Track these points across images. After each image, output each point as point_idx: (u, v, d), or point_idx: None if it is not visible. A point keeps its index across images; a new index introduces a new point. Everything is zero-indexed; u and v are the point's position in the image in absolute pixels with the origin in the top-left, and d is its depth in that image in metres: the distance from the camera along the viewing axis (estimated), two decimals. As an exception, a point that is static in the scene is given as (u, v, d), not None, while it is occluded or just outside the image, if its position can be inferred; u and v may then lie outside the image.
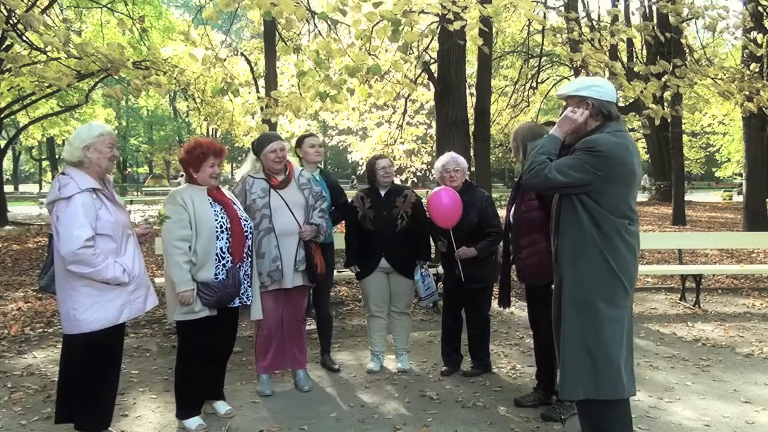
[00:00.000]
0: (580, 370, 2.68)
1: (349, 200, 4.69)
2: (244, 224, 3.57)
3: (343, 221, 4.69)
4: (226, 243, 3.46)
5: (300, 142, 4.64)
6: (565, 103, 2.93)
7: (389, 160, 4.57)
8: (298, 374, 4.19)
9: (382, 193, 4.46)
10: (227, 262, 3.46)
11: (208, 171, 3.49)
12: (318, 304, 4.61)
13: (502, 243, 4.04)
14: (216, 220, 3.44)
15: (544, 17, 11.75)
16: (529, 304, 3.92)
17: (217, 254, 3.43)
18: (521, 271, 3.77)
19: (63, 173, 3.07)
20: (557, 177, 2.65)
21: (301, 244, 3.99)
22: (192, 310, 3.38)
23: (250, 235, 3.63)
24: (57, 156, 38.34)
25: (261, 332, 4.01)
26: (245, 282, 3.57)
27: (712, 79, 7.86)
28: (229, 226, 3.47)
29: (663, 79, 6.84)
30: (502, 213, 4.34)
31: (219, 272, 3.43)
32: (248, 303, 3.62)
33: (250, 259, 3.63)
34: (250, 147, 4.17)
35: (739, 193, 31.25)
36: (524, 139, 3.64)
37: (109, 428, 3.29)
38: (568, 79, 19.82)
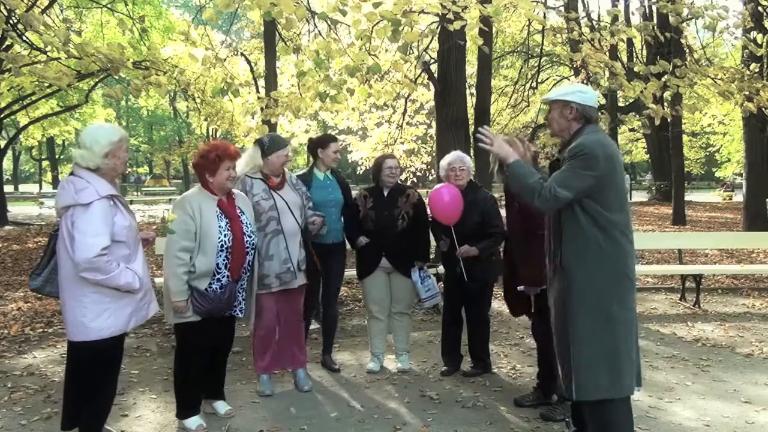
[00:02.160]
0: (596, 371, 2.72)
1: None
2: (247, 241, 3.52)
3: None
4: (224, 260, 3.44)
5: (325, 144, 4.44)
6: (548, 108, 3.01)
7: (397, 161, 4.58)
8: (297, 374, 4.18)
9: (385, 192, 4.46)
10: (222, 277, 3.45)
11: (224, 174, 3.44)
12: (326, 304, 4.59)
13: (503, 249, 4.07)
14: (219, 238, 3.40)
15: (544, 17, 11.75)
16: (537, 306, 3.87)
17: (213, 270, 3.41)
18: (516, 275, 3.82)
19: (74, 175, 2.96)
20: (565, 194, 2.71)
21: (302, 244, 4.00)
22: (183, 315, 3.39)
23: (252, 251, 3.59)
24: (57, 156, 38.37)
25: (259, 332, 4.00)
26: (240, 295, 3.59)
27: (712, 79, 7.86)
28: (230, 245, 3.43)
29: (663, 79, 6.84)
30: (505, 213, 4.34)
31: (213, 283, 3.42)
32: (239, 316, 3.63)
33: (248, 275, 3.63)
34: (258, 145, 4.04)
35: (731, 187, 31.50)
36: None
37: (109, 428, 3.29)
38: (569, 79, 19.80)
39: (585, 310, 2.75)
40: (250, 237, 3.56)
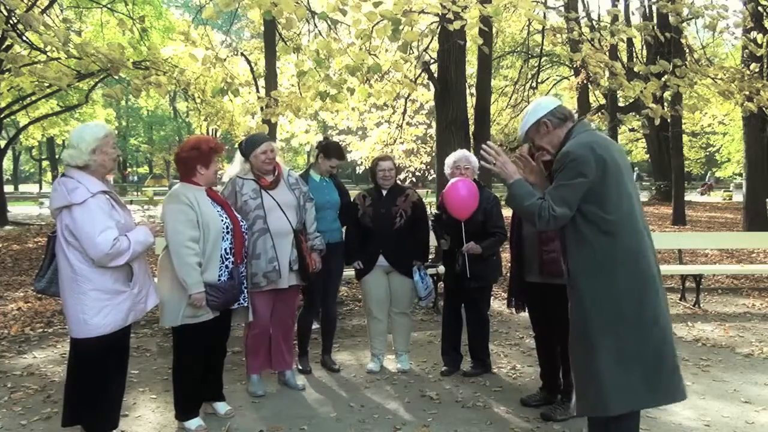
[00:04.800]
0: (585, 390, 2.65)
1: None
2: (242, 225, 3.59)
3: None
4: (229, 244, 3.46)
5: (328, 155, 4.43)
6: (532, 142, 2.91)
7: (391, 163, 4.52)
8: (286, 374, 4.19)
9: (384, 192, 4.48)
10: (230, 263, 3.46)
11: (216, 166, 3.51)
12: (325, 304, 4.59)
13: (509, 245, 4.00)
14: (222, 220, 3.43)
15: (544, 17, 11.76)
16: (534, 302, 3.81)
17: (221, 255, 3.42)
18: (543, 264, 3.65)
19: (65, 175, 3.00)
20: (564, 211, 2.61)
21: (294, 244, 3.99)
22: (196, 314, 3.36)
23: (246, 237, 3.65)
24: (57, 156, 38.32)
25: (252, 332, 4.00)
26: (243, 283, 3.59)
27: (712, 78, 7.87)
28: (232, 227, 3.47)
29: (663, 79, 6.84)
30: (506, 213, 4.33)
31: (222, 274, 3.42)
32: (245, 304, 3.63)
33: (246, 261, 3.65)
34: (238, 148, 4.10)
35: (709, 188, 31.64)
36: None
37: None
38: (568, 79, 19.79)
39: (590, 328, 2.63)
40: (242, 222, 3.63)
